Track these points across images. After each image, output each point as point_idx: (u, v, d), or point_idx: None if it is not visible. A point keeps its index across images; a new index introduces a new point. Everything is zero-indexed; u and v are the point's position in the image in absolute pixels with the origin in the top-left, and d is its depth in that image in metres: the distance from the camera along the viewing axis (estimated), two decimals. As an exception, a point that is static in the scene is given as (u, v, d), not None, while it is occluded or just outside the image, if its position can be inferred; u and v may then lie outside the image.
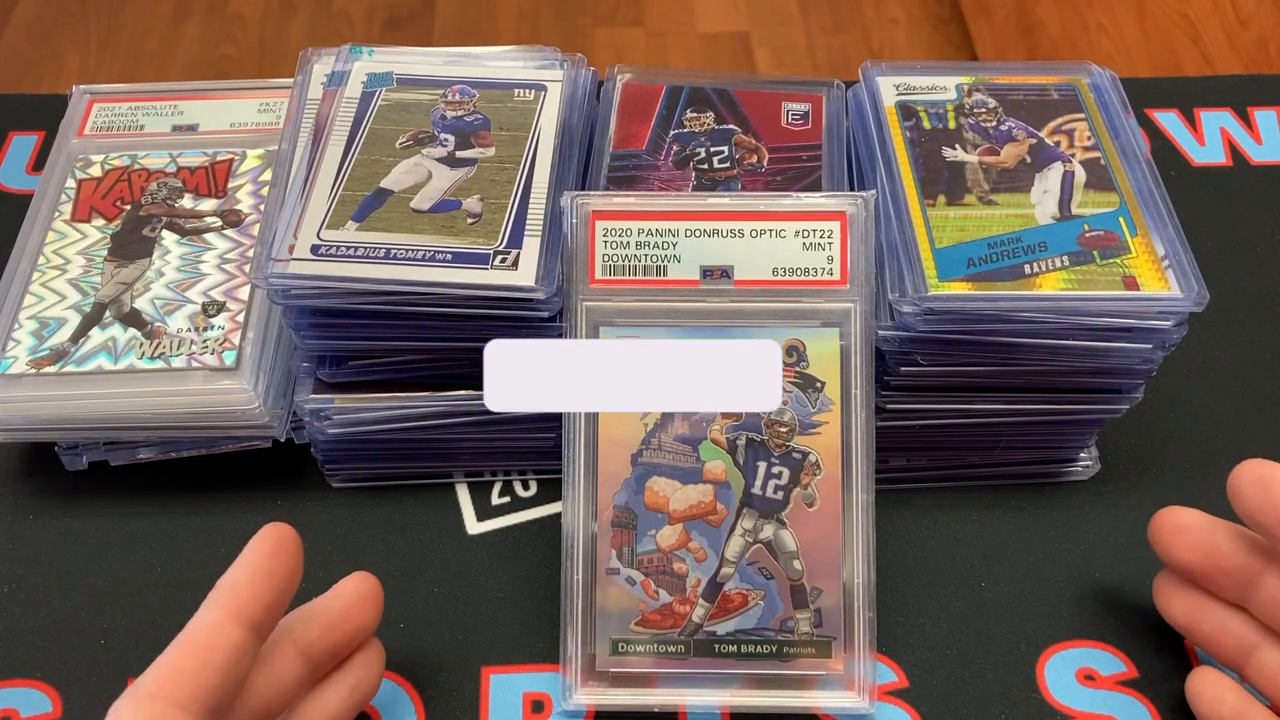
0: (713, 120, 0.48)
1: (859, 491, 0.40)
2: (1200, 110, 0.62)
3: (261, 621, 0.34)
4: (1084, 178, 0.44)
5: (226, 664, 0.32)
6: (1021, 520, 0.47)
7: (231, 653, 0.32)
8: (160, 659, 0.32)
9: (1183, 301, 0.40)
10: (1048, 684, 0.42)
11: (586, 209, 0.41)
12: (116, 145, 0.52)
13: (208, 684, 0.32)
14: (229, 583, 0.34)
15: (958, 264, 0.41)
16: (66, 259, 0.47)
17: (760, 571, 0.40)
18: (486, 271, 0.41)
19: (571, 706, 0.40)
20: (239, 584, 0.34)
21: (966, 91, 0.48)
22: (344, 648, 0.37)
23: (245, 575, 0.34)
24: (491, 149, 0.46)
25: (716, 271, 0.41)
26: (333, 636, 0.37)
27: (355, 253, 0.41)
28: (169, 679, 0.31)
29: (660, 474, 0.40)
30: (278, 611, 0.35)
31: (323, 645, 0.37)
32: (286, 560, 0.35)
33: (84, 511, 0.47)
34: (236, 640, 0.33)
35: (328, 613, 0.37)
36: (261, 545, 0.35)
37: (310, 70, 0.49)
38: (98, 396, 0.43)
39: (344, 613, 0.37)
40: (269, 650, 0.35)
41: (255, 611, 0.33)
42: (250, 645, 0.33)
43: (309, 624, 0.37)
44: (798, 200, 0.41)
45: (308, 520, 0.46)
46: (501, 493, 0.48)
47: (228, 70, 1.58)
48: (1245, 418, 0.50)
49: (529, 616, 0.44)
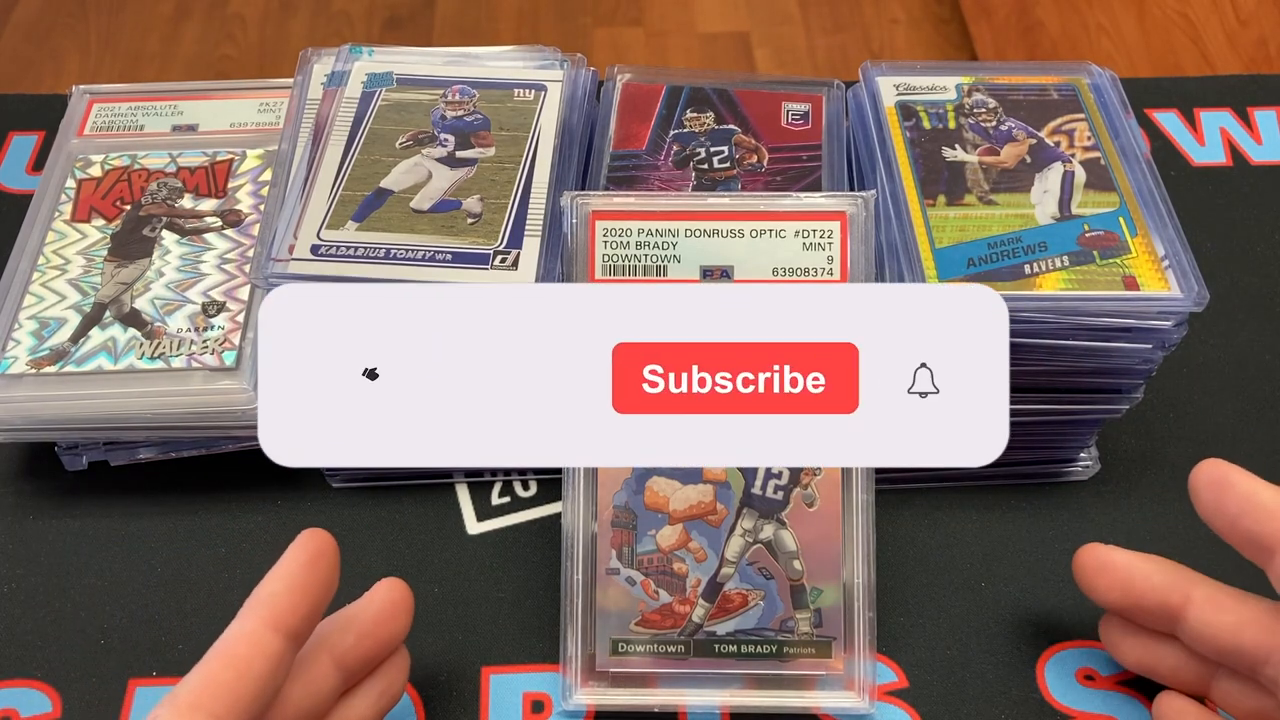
0: (713, 120, 0.48)
1: (859, 491, 0.40)
2: (1200, 110, 0.62)
3: (299, 631, 0.33)
4: (1084, 178, 0.44)
5: (265, 674, 0.32)
6: (1021, 520, 0.47)
7: (270, 663, 0.32)
8: (198, 668, 0.32)
9: (1183, 301, 0.40)
10: (1048, 684, 0.42)
11: (586, 209, 0.41)
12: (116, 145, 0.52)
13: (246, 695, 0.31)
14: (267, 592, 0.33)
15: (958, 264, 0.41)
16: (66, 259, 0.47)
17: (760, 571, 0.40)
18: (486, 272, 0.41)
19: (571, 706, 0.40)
20: (277, 593, 0.33)
21: (966, 91, 0.48)
22: (377, 656, 0.37)
23: (284, 584, 0.33)
24: (491, 149, 0.46)
25: (716, 271, 0.41)
26: (367, 644, 0.36)
27: (355, 253, 0.41)
28: (207, 690, 0.31)
29: (660, 474, 0.40)
30: (314, 620, 0.34)
31: (357, 654, 0.36)
32: (325, 568, 0.34)
33: (84, 511, 0.47)
34: (275, 650, 0.32)
35: (363, 620, 0.37)
36: (300, 552, 0.34)
37: (310, 70, 0.49)
38: (98, 396, 0.43)
39: (378, 620, 0.37)
40: (304, 659, 0.35)
41: (293, 621, 0.33)
42: (288, 655, 0.33)
43: (344, 632, 0.36)
44: (798, 200, 0.41)
45: (308, 520, 0.46)
46: (501, 493, 0.48)
47: (228, 70, 1.58)
48: (1245, 418, 0.50)
49: (529, 616, 0.44)
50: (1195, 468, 0.36)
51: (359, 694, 0.37)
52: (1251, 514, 0.34)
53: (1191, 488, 0.36)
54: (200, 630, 0.43)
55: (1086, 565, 0.39)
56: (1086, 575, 0.39)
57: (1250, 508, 0.34)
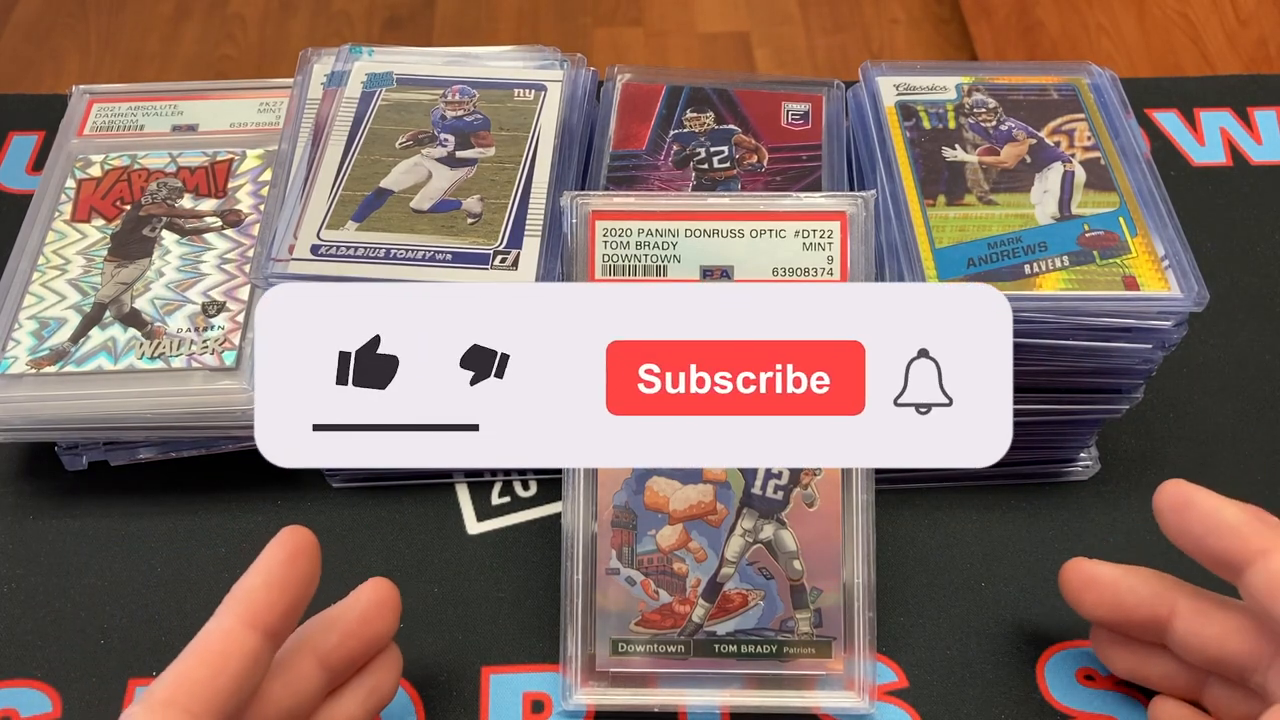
0: (713, 120, 0.48)
1: (859, 491, 0.40)
2: (1200, 110, 0.62)
3: (277, 628, 0.33)
4: (1084, 178, 0.44)
5: (240, 672, 0.32)
6: (1021, 520, 0.47)
7: (245, 660, 0.32)
8: (173, 665, 0.32)
9: (1183, 301, 0.40)
10: (1048, 684, 0.42)
11: (586, 209, 0.41)
12: (116, 145, 0.52)
13: (222, 691, 0.31)
14: (244, 588, 0.33)
15: (958, 264, 0.41)
16: (66, 259, 0.47)
17: (760, 571, 0.40)
18: (486, 272, 0.41)
19: (571, 706, 0.40)
20: (254, 589, 0.33)
21: (966, 91, 0.48)
22: (362, 655, 0.37)
23: (261, 581, 0.33)
24: (491, 149, 0.46)
25: (716, 271, 0.41)
26: (351, 644, 0.36)
27: (355, 253, 0.41)
28: (182, 686, 0.31)
29: (660, 474, 0.40)
30: (294, 618, 0.34)
31: (341, 653, 0.36)
32: (304, 565, 0.34)
33: (84, 511, 0.47)
34: (251, 647, 0.32)
35: (346, 620, 0.37)
36: (279, 550, 0.34)
37: (310, 70, 0.49)
38: (98, 396, 0.43)
39: (363, 620, 0.37)
40: (287, 659, 0.35)
41: (271, 618, 0.33)
42: (265, 652, 0.33)
43: (328, 632, 0.36)
44: (798, 200, 0.41)
45: (307, 520, 0.46)
46: (501, 493, 0.48)
47: (228, 70, 1.58)
48: (1245, 418, 0.50)
49: (529, 616, 0.44)
50: (1157, 491, 0.36)
51: (346, 693, 0.37)
52: (1216, 532, 0.34)
53: (1156, 511, 0.36)
54: (206, 620, 0.43)
55: (1072, 581, 0.39)
56: (1073, 591, 0.39)
57: (1214, 525, 0.35)
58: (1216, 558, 0.35)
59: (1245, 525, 0.34)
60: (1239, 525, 0.34)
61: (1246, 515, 0.34)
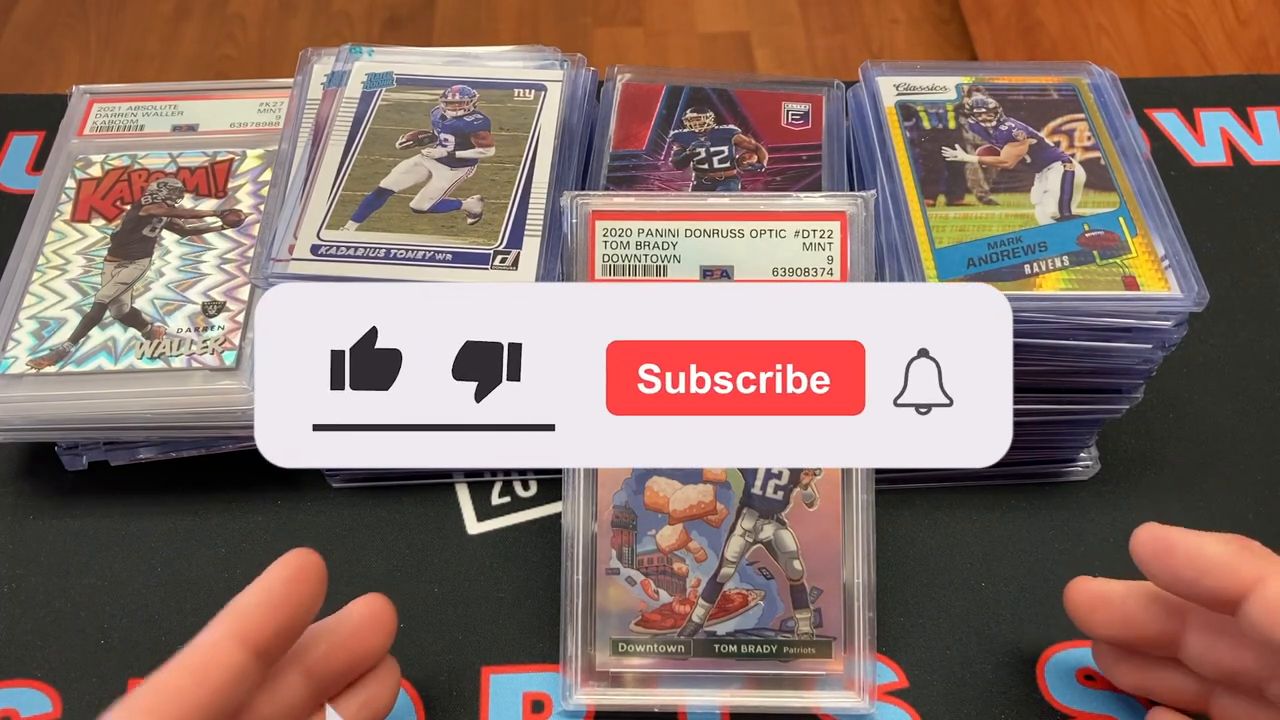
0: (713, 120, 0.48)
1: (859, 491, 0.40)
2: (1200, 110, 0.62)
3: (268, 647, 0.33)
4: (1084, 178, 0.44)
5: (221, 686, 0.32)
6: (1021, 520, 0.47)
7: (228, 675, 0.32)
8: (157, 674, 0.32)
9: (1183, 301, 0.40)
10: (1048, 684, 0.42)
11: (586, 209, 0.41)
12: (116, 145, 0.52)
13: (200, 704, 0.31)
14: (240, 604, 0.33)
15: (958, 264, 0.41)
16: (66, 259, 0.47)
17: (760, 571, 0.40)
18: (487, 272, 0.41)
19: (571, 706, 0.40)
20: (249, 606, 0.33)
21: (966, 91, 0.48)
22: (351, 669, 0.37)
23: (258, 598, 0.33)
24: (491, 149, 0.46)
25: (716, 271, 0.41)
26: (339, 657, 0.36)
27: (355, 253, 0.41)
28: (162, 696, 0.31)
29: (660, 474, 0.40)
30: (288, 638, 0.34)
31: (328, 665, 0.36)
32: (305, 588, 0.34)
33: (84, 511, 0.47)
34: (236, 663, 0.32)
35: (335, 633, 0.36)
36: (282, 569, 0.34)
37: (310, 70, 0.49)
38: (98, 396, 0.43)
39: (353, 634, 0.37)
40: (274, 669, 0.35)
41: (262, 636, 0.33)
42: (252, 669, 0.32)
43: (315, 643, 0.36)
44: (798, 200, 0.41)
45: (307, 520, 0.46)
46: (501, 493, 0.48)
47: (228, 70, 1.58)
48: (1245, 418, 0.50)
49: (529, 616, 0.44)
50: (1133, 537, 0.35)
51: (339, 705, 0.37)
52: (1206, 572, 0.33)
53: (1137, 559, 0.35)
54: (200, 630, 0.43)
55: (1079, 602, 0.38)
56: (1081, 611, 0.38)
57: (1203, 566, 0.34)
58: (1212, 597, 0.34)
59: (1233, 558, 0.33)
60: (1227, 559, 0.33)
61: (1232, 547, 0.34)
